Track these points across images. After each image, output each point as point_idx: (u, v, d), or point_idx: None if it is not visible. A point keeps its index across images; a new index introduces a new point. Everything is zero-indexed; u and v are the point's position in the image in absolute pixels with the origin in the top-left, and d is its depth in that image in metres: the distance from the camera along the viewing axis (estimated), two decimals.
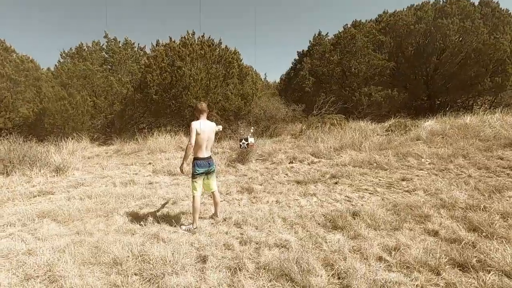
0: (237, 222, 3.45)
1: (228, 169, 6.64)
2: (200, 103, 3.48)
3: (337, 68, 13.83)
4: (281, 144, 9.96)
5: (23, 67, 14.30)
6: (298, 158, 7.31)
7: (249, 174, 6.16)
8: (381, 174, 5.77)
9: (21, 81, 14.01)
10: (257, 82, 14.09)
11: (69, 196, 5.00)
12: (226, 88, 12.24)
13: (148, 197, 4.76)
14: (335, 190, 4.83)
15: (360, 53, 13.19)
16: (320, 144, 8.20)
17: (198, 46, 12.62)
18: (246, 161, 7.20)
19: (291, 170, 6.42)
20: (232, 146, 9.29)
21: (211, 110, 11.66)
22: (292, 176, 5.87)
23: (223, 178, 6.00)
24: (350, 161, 6.77)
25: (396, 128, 10.20)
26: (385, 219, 3.30)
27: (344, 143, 8.49)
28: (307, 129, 10.76)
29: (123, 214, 3.92)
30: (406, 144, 7.92)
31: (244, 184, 5.30)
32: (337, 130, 9.81)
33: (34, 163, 7.37)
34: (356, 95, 12.94)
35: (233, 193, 4.80)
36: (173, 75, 11.63)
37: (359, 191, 4.74)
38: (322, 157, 7.44)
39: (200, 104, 3.46)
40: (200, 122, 3.37)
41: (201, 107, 3.44)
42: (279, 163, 7.01)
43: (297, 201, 4.34)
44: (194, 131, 3.26)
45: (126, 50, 14.77)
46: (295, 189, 4.95)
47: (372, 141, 8.47)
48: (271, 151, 8.33)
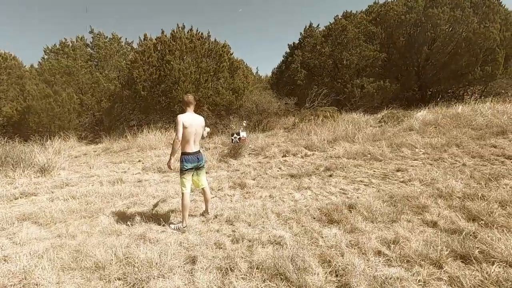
0: (229, 218, 3.30)
1: (220, 164, 6.47)
2: (186, 95, 3.29)
3: (329, 60, 13.69)
4: (274, 138, 9.81)
5: (5, 65, 13.78)
6: (292, 151, 7.18)
7: (242, 169, 6.01)
8: (376, 165, 5.68)
9: (3, 80, 13.50)
10: (248, 76, 13.86)
11: (52, 197, 4.77)
12: (217, 83, 11.99)
13: (136, 195, 4.56)
14: (329, 182, 4.71)
15: (351, 44, 13.06)
16: (314, 137, 8.08)
17: (188, 39, 12.31)
18: (238, 156, 7.04)
19: (284, 163, 6.29)
20: (224, 141, 9.11)
21: (201, 104, 11.43)
22: (285, 170, 5.74)
23: (215, 173, 5.83)
24: (344, 153, 6.66)
25: (389, 119, 10.15)
26: (382, 211, 3.19)
27: (337, 135, 8.39)
28: (300, 122, 10.63)
29: (109, 214, 3.73)
30: (399, 135, 7.86)
31: (236, 179, 5.14)
32: (330, 123, 9.70)
33: (18, 164, 7.08)
34: (349, 87, 12.84)
35: (225, 189, 4.64)
36: (161, 70, 11.32)
37: (354, 183, 4.64)
38: (315, 150, 7.32)
39: (187, 96, 3.27)
40: (187, 115, 3.19)
41: (187, 99, 3.25)
42: (272, 157, 6.87)
43: (291, 195, 4.20)
44: (180, 124, 3.08)
45: (112, 45, 14.32)
46: (289, 183, 4.82)
47: (365, 133, 8.39)
48: (264, 145, 8.18)
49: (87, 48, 14.85)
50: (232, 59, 13.31)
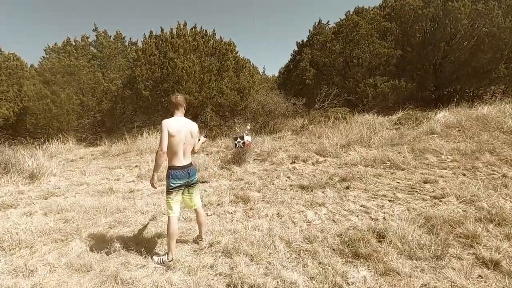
0: (227, 248, 2.66)
1: (222, 172, 5.84)
2: (174, 95, 2.67)
3: (339, 58, 12.95)
4: (281, 141, 9.16)
5: (5, 65, 13.45)
6: (301, 157, 6.51)
7: (246, 178, 5.36)
8: (398, 175, 4.97)
9: (2, 80, 13.17)
10: (254, 75, 13.21)
11: (31, 210, 4.21)
12: (221, 82, 11.39)
13: (123, 211, 3.97)
14: (347, 197, 4.03)
15: (364, 41, 12.30)
16: (325, 140, 7.39)
17: (191, 37, 11.75)
18: (242, 162, 6.40)
19: (293, 172, 5.62)
20: (228, 144, 8.49)
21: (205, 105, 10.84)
22: (295, 180, 5.07)
23: (216, 183, 5.20)
24: (360, 159, 5.96)
25: (406, 121, 9.38)
26: (421, 242, 2.51)
27: (351, 138, 7.68)
28: (309, 124, 9.95)
29: (86, 237, 3.13)
30: (420, 139, 7.11)
31: (239, 191, 4.50)
32: (342, 125, 8.99)
33: (7, 170, 6.62)
34: (361, 86, 12.08)
35: (226, 204, 4.00)
36: (163, 68, 10.77)
37: (376, 198, 3.95)
38: (327, 155, 6.63)
39: (175, 97, 2.65)
40: (175, 120, 2.57)
41: (175, 100, 2.63)
42: (280, 164, 6.21)
43: (302, 213, 3.54)
44: (165, 131, 2.46)
45: (116, 44, 13.86)
46: (299, 197, 4.15)
47: (382, 136, 7.66)
48: (270, 149, 7.53)
49: (91, 48, 14.43)
50: (238, 57, 12.70)
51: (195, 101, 10.81)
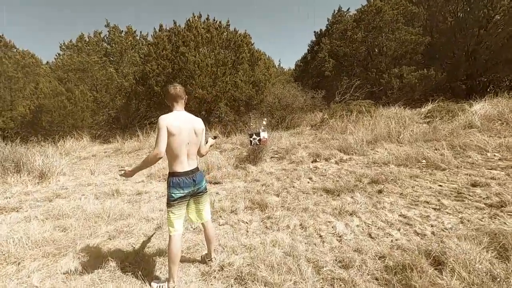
0: (241, 273, 2.16)
1: (237, 172, 5.35)
2: (173, 85, 2.18)
3: (361, 47, 12.09)
4: (300, 137, 8.57)
5: (23, 63, 13.56)
6: (323, 155, 5.92)
7: (262, 179, 4.86)
8: (439, 176, 4.30)
9: (20, 78, 13.29)
10: (270, 68, 12.61)
11: (32, 215, 3.90)
12: (235, 75, 10.88)
13: (127, 217, 3.57)
14: (382, 204, 3.44)
15: (388, 28, 11.38)
16: (349, 136, 6.74)
17: (204, 29, 11.28)
18: (258, 160, 5.90)
19: (315, 172, 5.05)
20: (244, 141, 8.00)
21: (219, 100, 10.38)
22: (318, 182, 4.51)
23: (230, 185, 4.73)
24: (390, 158, 5.30)
25: (438, 113, 8.53)
26: (493, 272, 1.91)
27: (377, 134, 6.99)
28: (329, 119, 9.28)
29: (80, 251, 2.74)
30: (458, 134, 6.33)
31: (255, 195, 4.00)
32: (366, 119, 8.27)
33: (18, 169, 6.46)
34: (385, 77, 11.21)
35: (240, 211, 3.51)
36: (175, 63, 10.39)
37: (417, 205, 3.33)
38: (352, 153, 6.00)
39: (173, 87, 2.16)
40: (174, 116, 2.08)
41: (174, 91, 2.14)
42: (300, 163, 5.65)
43: (330, 225, 2.99)
44: (163, 130, 1.98)
45: (127, 39, 13.64)
46: (324, 203, 3.60)
47: (412, 131, 6.91)
48: (288, 146, 6.98)
49: (104, 43, 14.30)
50: (253, 49, 12.13)
51: (209, 95, 10.38)
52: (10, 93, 13.26)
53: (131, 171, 2.12)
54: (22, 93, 12.62)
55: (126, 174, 2.13)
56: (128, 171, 2.12)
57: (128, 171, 2.12)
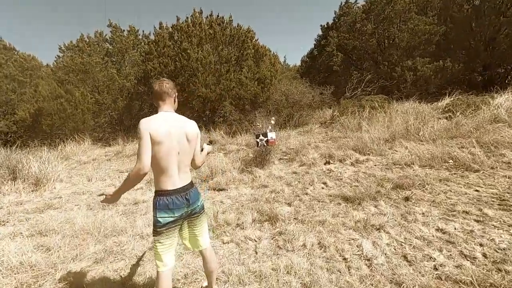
0: None
1: (243, 176, 4.90)
2: (158, 81, 1.74)
3: (371, 40, 11.48)
4: (309, 135, 8.07)
5: (27, 66, 13.34)
6: (336, 155, 5.42)
7: (271, 184, 4.39)
8: (472, 179, 3.77)
9: (25, 82, 13.08)
10: (276, 64, 12.10)
11: (17, 230, 3.52)
12: (240, 72, 10.41)
13: (119, 233, 3.15)
14: (412, 214, 2.94)
15: (400, 18, 10.75)
16: (363, 134, 6.22)
17: (207, 25, 10.83)
18: (266, 163, 5.43)
19: (329, 175, 4.56)
20: (250, 141, 7.55)
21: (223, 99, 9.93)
22: (334, 187, 4.02)
23: (235, 192, 4.27)
24: (412, 157, 4.78)
25: (458, 108, 7.92)
26: None
27: (394, 131, 6.45)
28: (340, 116, 8.75)
29: (59, 280, 2.32)
30: (485, 129, 5.75)
31: (264, 205, 3.54)
32: (380, 115, 7.72)
33: (14, 176, 6.15)
34: (397, 70, 10.60)
35: (247, 225, 3.06)
36: (177, 60, 9.98)
37: (455, 216, 2.83)
38: (369, 152, 5.49)
39: (159, 83, 1.72)
40: (160, 118, 1.63)
41: (159, 87, 1.70)
42: (311, 165, 5.17)
43: (355, 243, 2.51)
44: (145, 137, 1.53)
45: (129, 38, 13.29)
46: (344, 214, 3.12)
47: (432, 127, 6.35)
48: (298, 146, 6.50)
49: (105, 44, 13.99)
50: (257, 45, 11.63)
51: (212, 94, 9.95)
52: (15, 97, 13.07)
53: (113, 196, 1.67)
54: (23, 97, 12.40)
55: (108, 200, 1.69)
56: (110, 195, 1.68)
57: (110, 195, 1.68)
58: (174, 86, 1.79)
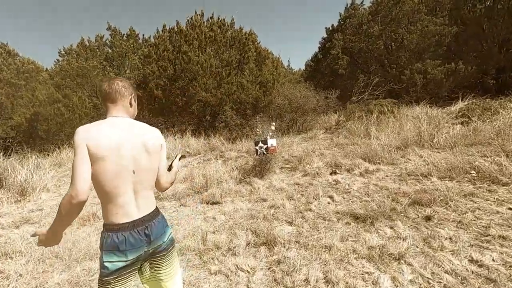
0: None
1: (240, 188, 4.45)
2: (110, 79, 1.32)
3: (378, 42, 11.04)
4: (313, 142, 7.60)
5: (23, 70, 13.15)
6: (343, 164, 4.94)
7: (271, 198, 3.93)
8: (502, 193, 3.27)
9: (21, 85, 12.87)
10: (278, 67, 11.71)
11: None
12: (241, 76, 10.03)
13: (92, 258, 2.72)
14: (437, 239, 2.45)
15: (409, 19, 10.30)
16: (373, 141, 5.74)
17: (208, 28, 10.52)
18: (266, 172, 4.97)
19: (336, 187, 4.09)
20: (250, 148, 7.10)
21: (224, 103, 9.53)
22: (341, 202, 3.55)
23: (231, 206, 3.82)
24: (428, 167, 4.29)
25: (473, 112, 7.41)
26: None
27: (405, 137, 5.96)
28: (346, 121, 8.28)
29: None
30: (508, 136, 5.23)
31: (261, 224, 3.08)
32: (390, 120, 7.23)
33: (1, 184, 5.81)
34: (406, 73, 10.11)
35: (239, 249, 2.60)
36: (176, 64, 9.65)
37: (489, 243, 2.34)
38: (379, 161, 5.00)
39: (108, 82, 1.30)
40: (106, 126, 1.20)
41: (109, 86, 1.28)
42: (316, 175, 4.70)
43: (370, 278, 2.03)
44: (80, 153, 1.10)
45: (128, 41, 13.05)
46: (355, 237, 2.64)
47: (448, 134, 5.84)
48: (301, 153, 6.04)
49: (105, 47, 13.77)
50: (259, 48, 11.28)
51: (213, 98, 9.56)
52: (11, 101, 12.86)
53: (47, 236, 1.20)
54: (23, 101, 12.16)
55: (43, 242, 1.22)
56: (43, 234, 1.21)
57: (43, 234, 1.21)
58: (131, 86, 1.37)
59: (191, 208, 3.88)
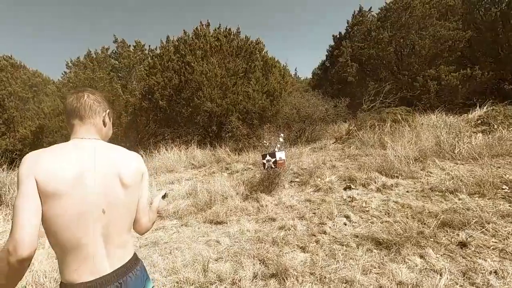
0: None
1: (246, 204, 4.12)
2: (76, 93, 1.04)
3: (389, 48, 10.71)
4: (323, 152, 7.24)
5: (30, 83, 13.25)
6: (358, 178, 4.57)
7: (280, 217, 3.58)
8: None
9: (29, 98, 12.95)
10: (286, 76, 11.47)
11: None
12: (247, 85, 9.81)
13: None
14: (480, 274, 2.07)
15: (420, 24, 9.98)
16: (388, 151, 5.35)
17: (213, 37, 10.40)
18: (274, 187, 4.63)
19: (352, 205, 3.72)
20: (257, 160, 6.78)
21: (230, 113, 9.30)
22: (359, 223, 3.17)
23: (236, 227, 3.48)
24: (454, 182, 3.88)
25: (494, 120, 6.96)
26: None
27: (423, 148, 5.56)
28: (358, 130, 7.90)
29: None
30: None
31: (270, 249, 2.74)
32: (405, 129, 6.83)
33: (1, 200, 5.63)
34: (419, 79, 9.74)
35: (246, 282, 2.25)
36: (181, 74, 9.50)
37: None
38: (397, 174, 4.61)
39: (76, 96, 1.02)
40: (62, 151, 0.91)
41: (76, 101, 1.01)
42: (329, 190, 4.33)
43: None
44: (24, 191, 0.81)
45: (135, 53, 13.06)
46: (379, 268, 2.27)
47: (470, 143, 5.42)
48: (311, 166, 5.68)
49: (111, 59, 13.81)
50: (266, 56, 11.08)
51: (218, 108, 9.34)
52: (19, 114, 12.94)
53: None
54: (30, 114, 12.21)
55: None
56: None
57: None
58: (106, 100, 1.09)
59: (193, 228, 3.56)
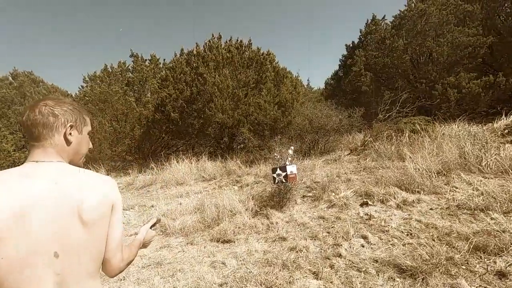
0: None
1: (256, 221, 3.89)
2: (30, 107, 0.87)
3: (404, 56, 10.39)
4: (337, 165, 6.94)
5: None
6: (376, 193, 4.26)
7: (291, 236, 3.33)
8: None
9: None
10: (298, 86, 11.31)
11: None
12: (258, 96, 9.71)
13: None
14: None
15: (436, 31, 9.65)
16: (408, 164, 5.01)
17: (225, 49, 10.45)
18: (286, 202, 4.39)
19: (370, 224, 3.42)
20: (268, 172, 6.56)
21: (241, 124, 9.18)
22: (378, 245, 2.88)
23: (244, 247, 3.25)
24: (484, 199, 3.53)
25: None
26: None
27: (446, 160, 5.18)
28: (373, 141, 7.57)
29: None
30: None
31: (279, 274, 2.49)
32: (426, 140, 6.45)
33: None
34: (438, 88, 9.33)
35: None
36: (193, 86, 9.53)
37: None
38: (418, 189, 4.27)
39: (30, 110, 0.86)
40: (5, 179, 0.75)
41: (27, 118, 0.84)
42: (344, 206, 4.05)
43: None
44: None
45: (150, 66, 13.31)
46: None
47: (498, 155, 5.01)
48: (325, 179, 5.40)
49: (128, 73, 14.13)
50: (277, 67, 10.99)
51: (230, 120, 9.25)
52: None
53: None
54: None
55: None
56: None
57: None
58: (73, 109, 0.92)
59: (199, 247, 3.36)
